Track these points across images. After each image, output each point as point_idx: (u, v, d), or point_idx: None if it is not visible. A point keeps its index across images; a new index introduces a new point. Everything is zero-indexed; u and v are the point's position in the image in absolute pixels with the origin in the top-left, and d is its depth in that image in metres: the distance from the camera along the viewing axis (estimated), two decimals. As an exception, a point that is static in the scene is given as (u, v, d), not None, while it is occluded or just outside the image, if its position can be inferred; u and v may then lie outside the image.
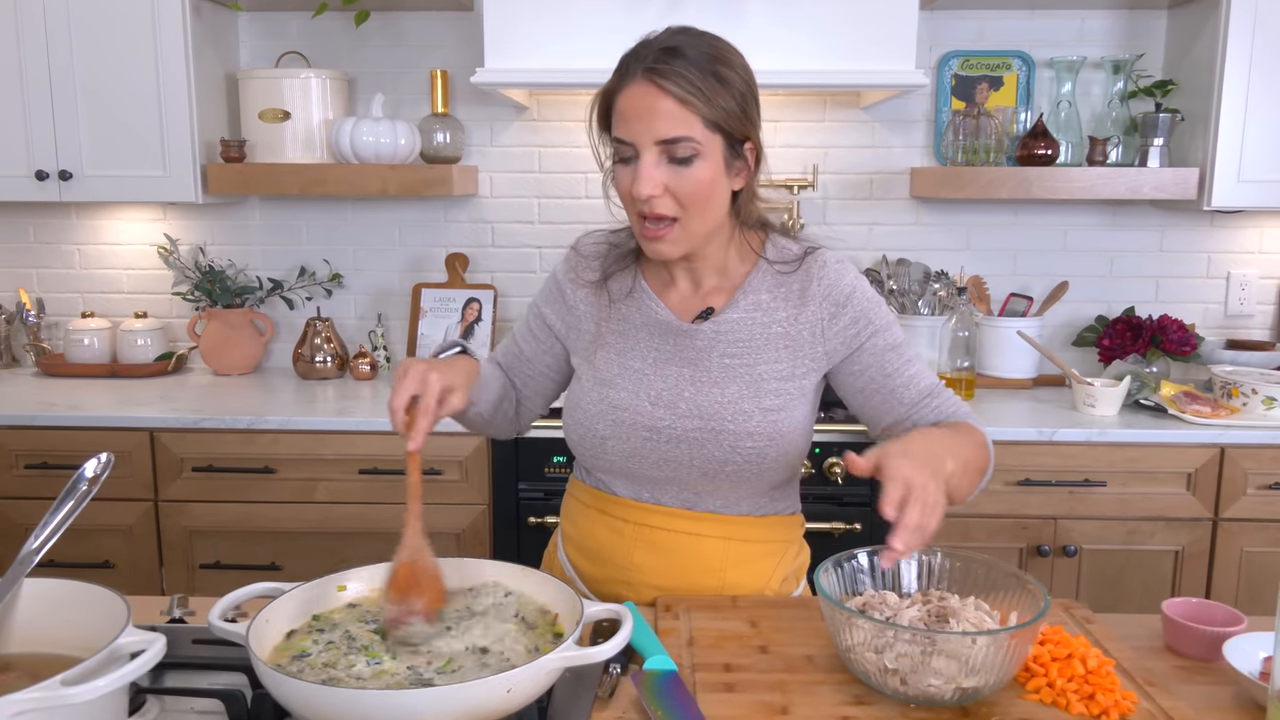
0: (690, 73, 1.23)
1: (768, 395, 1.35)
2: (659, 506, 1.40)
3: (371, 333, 2.93)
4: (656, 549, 1.40)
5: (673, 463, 1.37)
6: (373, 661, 1.04)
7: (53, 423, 2.44)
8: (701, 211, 1.28)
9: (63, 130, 2.60)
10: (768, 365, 1.36)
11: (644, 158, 1.25)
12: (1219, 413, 2.45)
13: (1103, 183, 2.59)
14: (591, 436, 1.40)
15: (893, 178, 2.90)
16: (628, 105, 1.26)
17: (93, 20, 2.56)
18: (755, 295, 1.37)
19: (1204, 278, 2.93)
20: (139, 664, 0.83)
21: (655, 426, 1.36)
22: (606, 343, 1.42)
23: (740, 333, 1.36)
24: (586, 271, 1.45)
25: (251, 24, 2.89)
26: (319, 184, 2.64)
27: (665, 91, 1.23)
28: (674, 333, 1.38)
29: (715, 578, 1.41)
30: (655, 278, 1.42)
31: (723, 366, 1.36)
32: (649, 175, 1.24)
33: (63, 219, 2.98)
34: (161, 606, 1.29)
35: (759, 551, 1.43)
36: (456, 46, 2.85)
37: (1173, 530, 2.41)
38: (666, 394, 1.36)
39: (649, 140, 1.24)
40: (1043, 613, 1.07)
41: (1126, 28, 2.82)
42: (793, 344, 1.36)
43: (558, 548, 1.56)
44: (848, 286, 1.36)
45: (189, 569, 2.49)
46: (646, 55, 1.26)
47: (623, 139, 1.26)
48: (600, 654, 0.99)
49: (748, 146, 1.31)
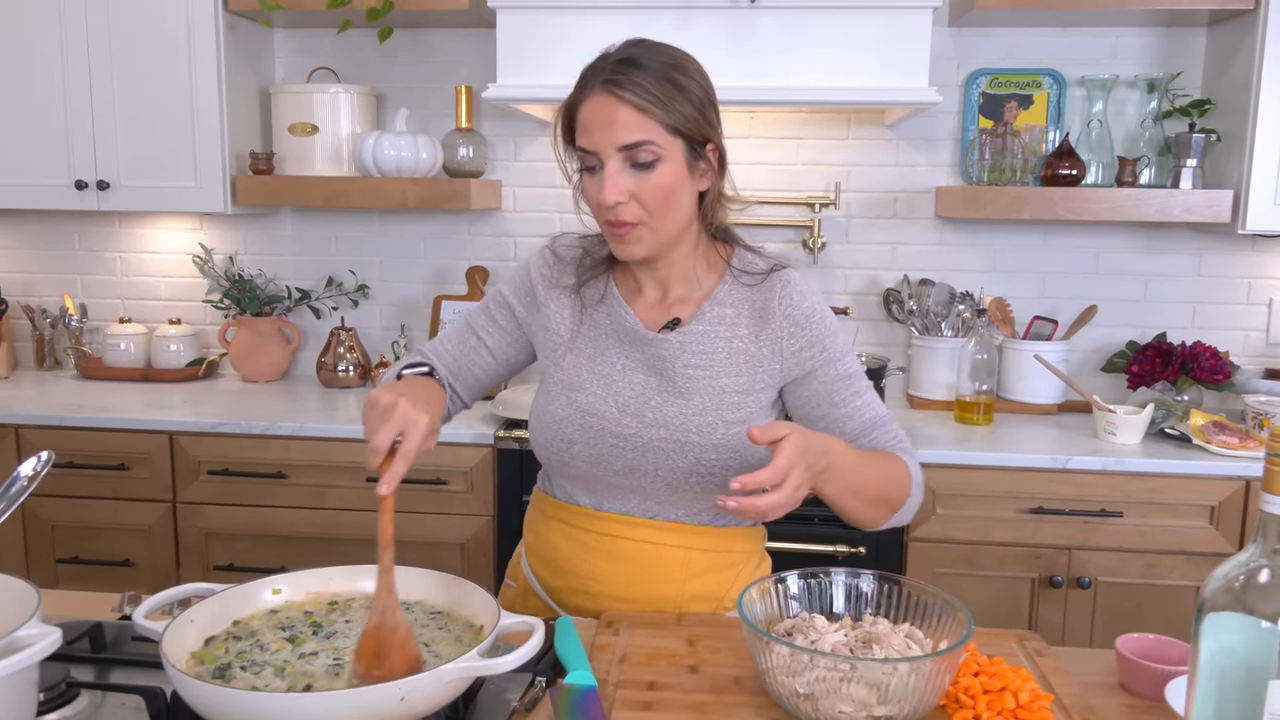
0: (647, 81, 1.27)
1: (730, 408, 1.36)
2: (621, 516, 1.41)
3: (394, 343, 2.98)
4: (617, 559, 1.41)
5: (637, 471, 1.38)
6: (276, 673, 1.05)
7: (80, 423, 2.53)
8: (666, 214, 1.31)
9: (101, 142, 2.71)
10: (729, 379, 1.37)
11: (608, 165, 1.28)
12: (1247, 444, 2.35)
13: (1131, 204, 2.51)
14: (559, 440, 1.41)
15: (917, 196, 2.86)
16: (588, 116, 1.29)
17: (131, 37, 2.66)
18: (721, 308, 1.39)
19: (1244, 304, 2.81)
20: (19, 659, 0.85)
21: (622, 434, 1.37)
22: (577, 348, 1.43)
23: (704, 345, 1.38)
24: (562, 275, 1.47)
25: (287, 40, 2.97)
26: (342, 196, 2.70)
27: (623, 100, 1.26)
28: (641, 341, 1.39)
29: (675, 587, 1.41)
30: (625, 285, 1.44)
31: (687, 377, 1.37)
32: (614, 182, 1.28)
33: (106, 227, 3.10)
34: (114, 604, 1.33)
35: (720, 561, 1.43)
36: (482, 63, 2.89)
37: (1194, 565, 2.32)
38: (634, 401, 1.37)
39: (611, 148, 1.27)
40: (961, 641, 1.04)
41: (1163, 46, 2.73)
42: (752, 360, 1.38)
43: (521, 558, 1.56)
44: (809, 309, 1.39)
45: (204, 570, 2.55)
46: (604, 68, 1.30)
47: (586, 149, 1.30)
48: (500, 666, 0.99)
49: (710, 148, 1.33)
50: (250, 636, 1.12)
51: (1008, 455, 2.35)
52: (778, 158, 2.87)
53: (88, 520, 2.56)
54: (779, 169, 2.87)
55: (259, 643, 1.10)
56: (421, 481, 2.44)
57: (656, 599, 1.41)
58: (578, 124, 1.31)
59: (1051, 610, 2.36)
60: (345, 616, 1.18)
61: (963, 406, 2.61)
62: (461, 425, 2.46)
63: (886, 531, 2.36)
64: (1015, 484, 2.33)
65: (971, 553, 2.36)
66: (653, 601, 1.40)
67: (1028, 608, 2.37)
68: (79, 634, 1.22)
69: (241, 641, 1.11)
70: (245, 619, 1.16)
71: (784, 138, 2.86)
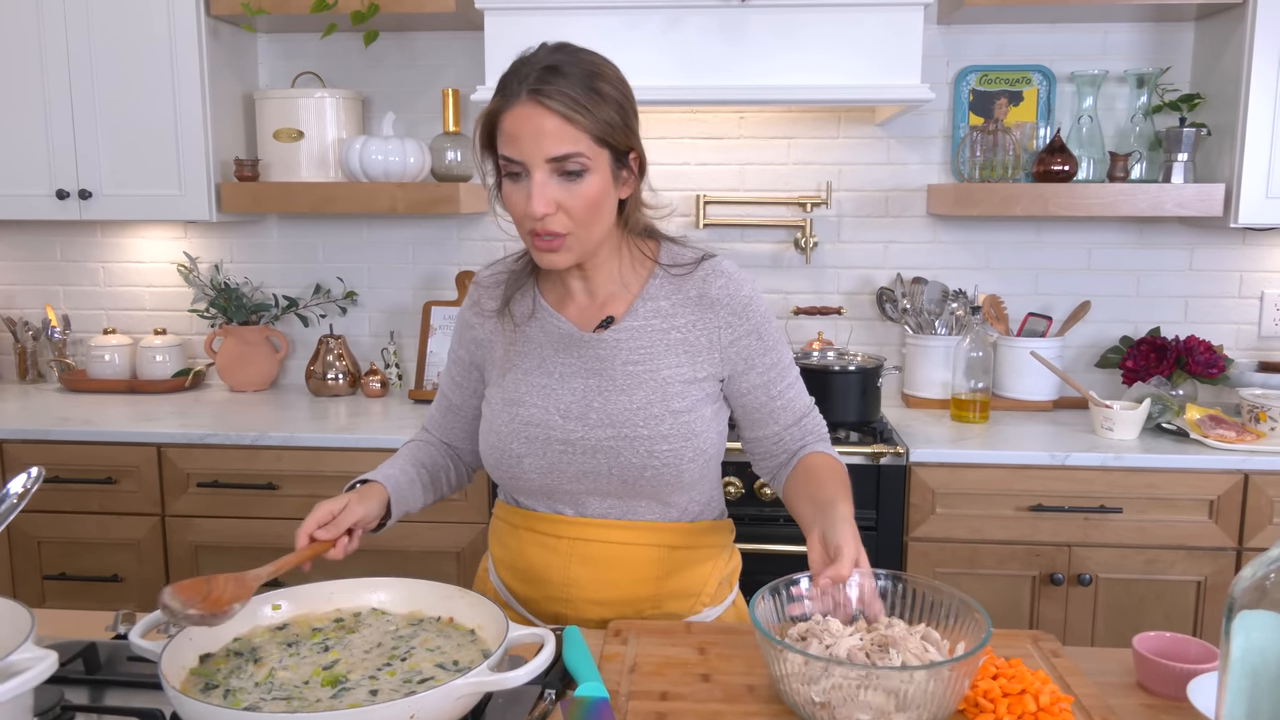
0: (573, 90, 1.24)
1: (674, 398, 1.36)
2: (592, 520, 1.40)
3: (384, 350, 2.95)
4: (592, 562, 1.40)
5: (591, 474, 1.37)
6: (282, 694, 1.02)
7: (65, 437, 2.49)
8: (592, 224, 1.30)
9: (83, 150, 2.67)
10: (671, 370, 1.37)
11: (535, 176, 1.25)
12: (1244, 438, 2.35)
13: (1123, 199, 2.51)
14: (508, 456, 1.40)
15: (909, 195, 2.85)
16: (515, 126, 1.25)
17: (113, 42, 2.62)
18: (655, 302, 1.39)
19: (1236, 297, 2.82)
20: (15, 684, 0.82)
21: (568, 439, 1.36)
22: (514, 364, 1.42)
23: (641, 339, 1.37)
24: (488, 301, 1.47)
25: (271, 45, 2.93)
26: (329, 202, 2.67)
27: (550, 110, 1.24)
28: (577, 343, 1.38)
29: (652, 586, 1.41)
30: (553, 293, 1.43)
31: (627, 374, 1.36)
32: (541, 194, 1.25)
33: (88, 237, 3.05)
34: (107, 622, 1.29)
35: (694, 557, 1.44)
36: (468, 66, 2.87)
37: (1194, 560, 2.31)
38: (576, 406, 1.37)
39: (539, 159, 1.25)
40: (980, 646, 1.02)
41: (1152, 41, 2.73)
42: (691, 349, 1.38)
43: (489, 572, 1.54)
44: (745, 297, 1.39)
45: (195, 583, 2.51)
46: (528, 75, 1.26)
47: (511, 158, 1.26)
48: (511, 680, 0.97)
49: (632, 156, 1.33)
50: (251, 653, 1.09)
51: (1006, 453, 2.34)
52: (769, 157, 2.85)
53: (75, 536, 2.51)
54: (770, 169, 2.85)
55: (256, 659, 1.07)
56: (415, 490, 2.41)
57: (635, 599, 1.40)
58: (501, 132, 1.28)
59: (1053, 608, 2.35)
60: (354, 632, 1.15)
61: (959, 405, 2.60)
62: (455, 432, 2.43)
63: (885, 532, 2.37)
64: (1014, 482, 2.32)
65: (971, 552, 2.34)
66: (632, 603, 1.40)
67: (1029, 606, 2.36)
68: (72, 655, 1.18)
69: (241, 658, 1.08)
70: (245, 635, 1.13)
71: (775, 137, 2.84)
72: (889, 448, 2.33)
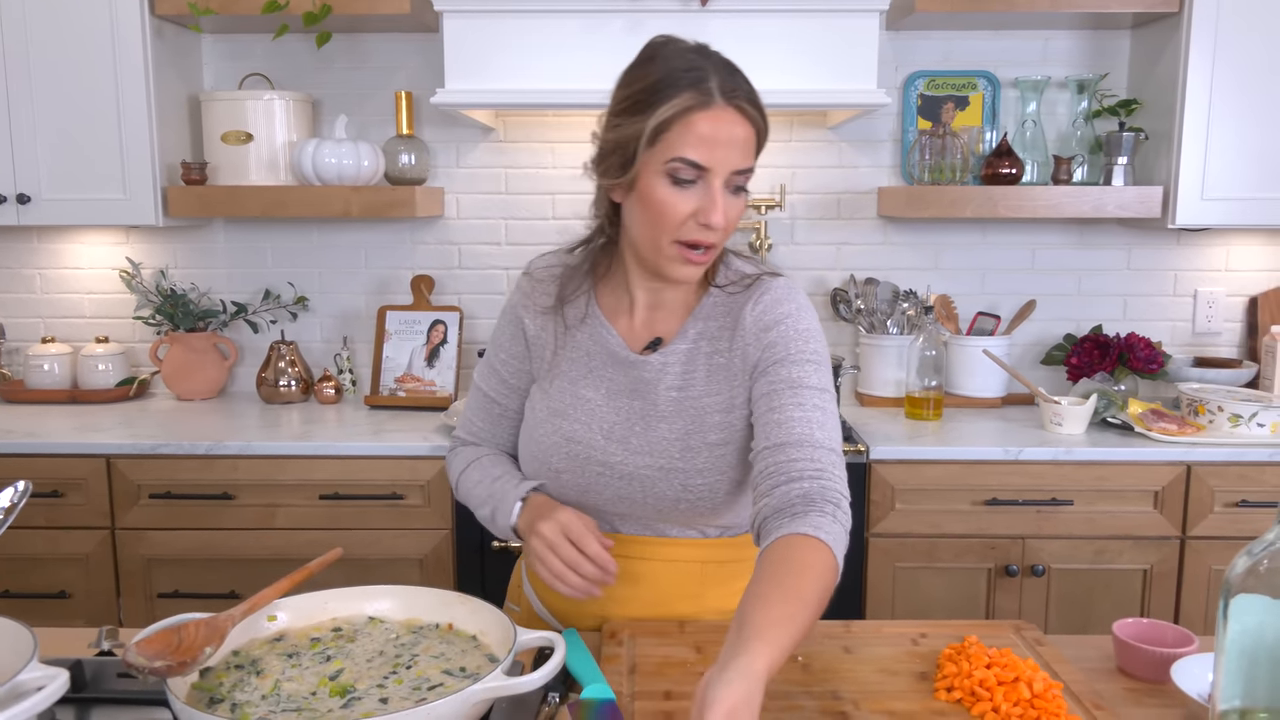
0: (758, 102, 1.22)
1: (712, 429, 1.31)
2: (627, 536, 1.37)
3: (337, 356, 2.91)
4: (635, 580, 1.37)
5: (626, 499, 1.34)
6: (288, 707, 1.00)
7: (8, 450, 2.40)
8: (728, 239, 1.28)
9: (20, 153, 2.58)
10: (710, 398, 1.32)
11: (715, 185, 1.20)
12: (1185, 430, 2.44)
13: (1068, 201, 2.59)
14: (547, 470, 1.37)
15: (860, 197, 2.90)
16: (713, 130, 1.18)
17: (51, 42, 2.54)
18: (705, 322, 1.34)
19: (1171, 296, 2.93)
20: (33, 703, 0.79)
21: (607, 462, 1.33)
22: (561, 370, 1.38)
23: (686, 364, 1.33)
24: (542, 297, 1.41)
25: (215, 46, 2.87)
26: (280, 206, 2.62)
27: (749, 121, 1.21)
28: (623, 363, 1.34)
29: (693, 603, 1.38)
30: (610, 297, 1.38)
31: (669, 400, 1.33)
32: (723, 204, 1.21)
33: (24, 242, 2.95)
34: (90, 639, 1.26)
35: (736, 571, 1.39)
36: (421, 68, 2.84)
37: (1140, 549, 2.40)
38: (619, 428, 1.33)
39: (726, 169, 1.20)
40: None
41: (1090, 48, 2.83)
42: (729, 374, 1.32)
43: (523, 582, 1.52)
44: (781, 314, 1.31)
45: (148, 598, 2.44)
46: (716, 75, 1.20)
47: (697, 162, 1.19)
48: (526, 684, 0.97)
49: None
50: (251, 665, 1.07)
51: (960, 449, 2.39)
52: (722, 161, 2.87)
53: (21, 552, 2.42)
54: (724, 172, 2.88)
55: (259, 671, 1.06)
56: (377, 497, 2.38)
57: (676, 616, 1.37)
58: (690, 132, 1.18)
59: (1007, 599, 2.41)
60: (353, 641, 1.14)
61: (913, 403, 2.65)
62: (416, 438, 2.41)
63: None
64: (969, 477, 2.38)
65: (929, 546, 2.40)
66: (673, 619, 1.37)
67: (984, 598, 2.42)
68: (59, 673, 1.15)
69: (243, 671, 1.06)
70: (244, 648, 1.11)
71: (728, 141, 2.86)
72: (850, 446, 2.37)
